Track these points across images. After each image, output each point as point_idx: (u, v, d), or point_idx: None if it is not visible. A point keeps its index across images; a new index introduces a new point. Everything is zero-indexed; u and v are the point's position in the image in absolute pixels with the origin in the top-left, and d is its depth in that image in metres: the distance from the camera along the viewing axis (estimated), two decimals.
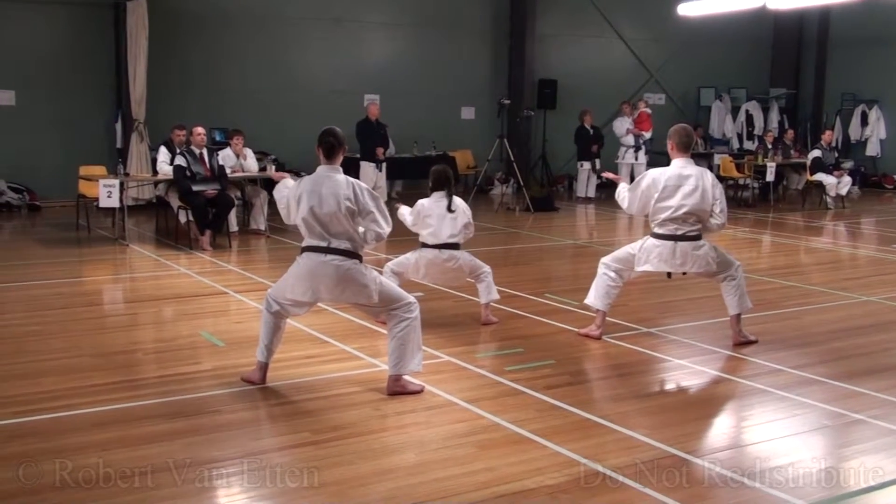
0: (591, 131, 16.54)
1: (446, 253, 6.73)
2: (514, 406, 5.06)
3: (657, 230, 6.30)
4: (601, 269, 6.58)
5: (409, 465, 4.23)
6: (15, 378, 5.48)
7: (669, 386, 5.72)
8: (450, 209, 6.70)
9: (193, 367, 5.76)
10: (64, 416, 4.83)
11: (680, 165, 6.29)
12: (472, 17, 17.91)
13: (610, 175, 7.15)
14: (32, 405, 4.98)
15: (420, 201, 6.79)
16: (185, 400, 5.12)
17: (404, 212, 6.89)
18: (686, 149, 6.36)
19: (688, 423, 4.90)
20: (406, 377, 5.29)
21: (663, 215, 6.23)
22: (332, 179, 5.16)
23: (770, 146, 16.58)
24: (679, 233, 6.24)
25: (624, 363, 6.05)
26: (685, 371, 5.88)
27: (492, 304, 7.05)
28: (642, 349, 6.33)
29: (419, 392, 5.26)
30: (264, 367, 5.39)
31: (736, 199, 16.56)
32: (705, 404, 5.31)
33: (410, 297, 5.33)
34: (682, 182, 6.20)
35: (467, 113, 18.07)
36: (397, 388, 5.23)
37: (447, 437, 4.58)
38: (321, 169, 5.23)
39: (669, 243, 6.25)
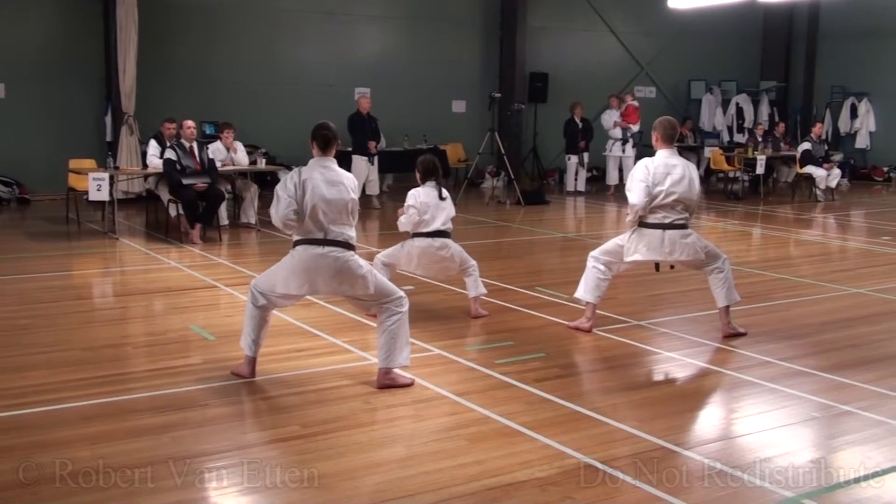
0: (581, 124, 16.54)
1: (439, 241, 6.74)
2: (504, 399, 5.06)
3: (646, 219, 6.33)
4: (590, 263, 6.60)
5: (398, 459, 4.23)
6: (3, 372, 5.45)
7: (659, 378, 5.74)
8: (441, 197, 6.74)
9: (183, 361, 5.75)
10: (53, 409, 4.82)
11: (665, 155, 6.35)
12: (463, 10, 17.88)
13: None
14: (21, 399, 4.97)
15: (415, 192, 6.76)
16: (174, 394, 5.11)
17: (405, 221, 6.78)
18: (671, 140, 6.40)
19: (677, 415, 4.91)
20: (396, 370, 5.29)
21: (653, 202, 6.27)
22: (332, 171, 5.23)
23: (760, 139, 16.62)
24: (667, 221, 6.29)
25: (614, 356, 6.06)
26: (675, 363, 5.90)
27: (480, 297, 7.05)
28: (632, 342, 6.34)
29: (409, 385, 5.26)
30: (252, 361, 5.38)
31: (726, 192, 16.64)
32: (695, 397, 5.32)
33: (401, 291, 5.34)
34: (669, 170, 6.26)
35: (458, 106, 18.05)
36: (387, 382, 5.23)
37: (437, 431, 4.58)
38: (318, 161, 5.23)
39: (658, 232, 6.29)
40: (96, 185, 10.46)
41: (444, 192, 6.79)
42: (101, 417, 4.71)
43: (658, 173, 6.24)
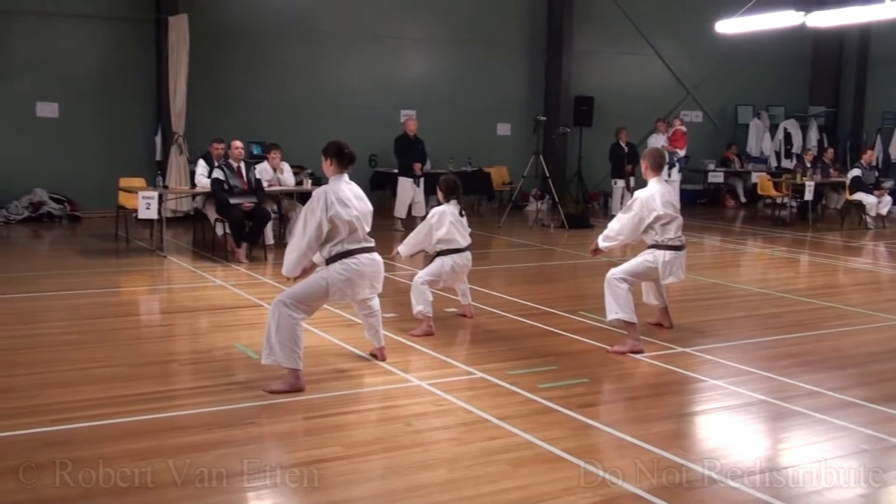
0: (626, 149, 16.46)
1: (469, 253, 7.37)
2: (547, 424, 5.03)
3: (671, 242, 6.82)
4: (614, 282, 6.70)
5: (440, 482, 4.21)
6: (54, 386, 5.55)
7: (704, 406, 5.66)
8: (461, 214, 7.32)
9: (228, 379, 5.80)
10: (100, 424, 4.88)
11: (661, 182, 6.92)
12: (508, 34, 17.96)
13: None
14: (70, 413, 5.05)
15: (441, 208, 7.27)
16: (219, 411, 5.15)
17: (414, 236, 7.32)
18: (660, 169, 6.99)
19: (723, 444, 4.84)
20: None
21: (674, 224, 6.82)
22: (352, 185, 5.81)
23: (809, 165, 16.41)
24: (681, 242, 6.91)
25: (658, 383, 5.99)
26: (721, 392, 5.81)
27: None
28: (677, 368, 6.27)
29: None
30: (300, 374, 5.48)
31: (773, 218, 16.43)
32: (741, 426, 5.24)
33: None
34: (670, 197, 6.86)
35: (503, 129, 18.09)
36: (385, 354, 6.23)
37: (479, 455, 4.56)
38: (342, 177, 5.76)
39: (682, 252, 6.92)
40: (146, 204, 10.63)
41: (462, 211, 7.38)
42: (147, 434, 4.76)
43: (667, 201, 6.80)
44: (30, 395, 5.35)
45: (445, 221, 7.15)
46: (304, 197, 12.64)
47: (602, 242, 6.94)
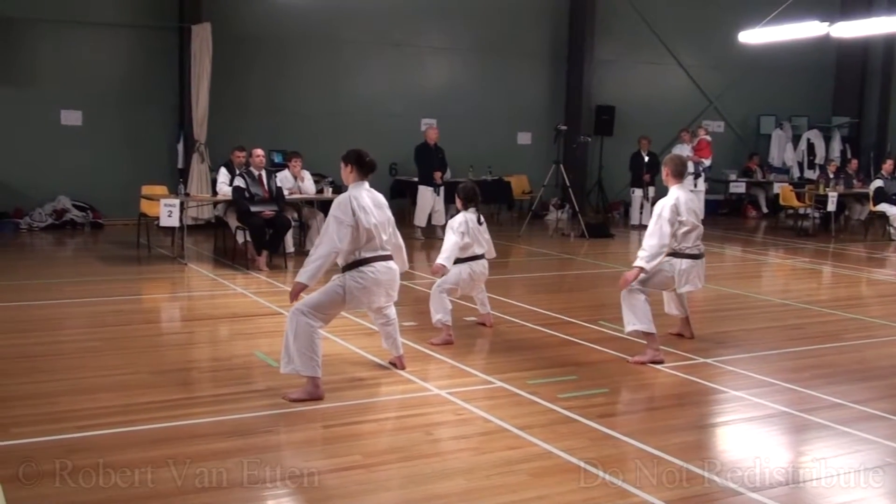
0: (647, 158, 16.43)
1: (486, 261, 7.43)
2: (567, 434, 5.00)
3: (689, 251, 6.77)
4: (630, 293, 6.64)
5: (459, 492, 4.19)
6: (76, 393, 5.58)
7: (726, 418, 5.61)
8: (479, 222, 7.34)
9: (247, 387, 5.81)
10: (122, 431, 4.90)
11: (683, 189, 6.81)
12: (529, 43, 17.96)
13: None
14: (92, 420, 5.07)
15: (461, 217, 7.27)
16: (239, 419, 5.16)
17: (451, 247, 7.13)
18: (681, 176, 6.88)
19: (744, 456, 4.80)
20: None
21: (694, 233, 6.76)
22: (373, 193, 5.81)
23: (832, 176, 16.29)
24: (699, 251, 6.84)
25: (679, 393, 5.96)
26: (742, 403, 5.77)
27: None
28: (698, 379, 6.23)
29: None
30: (319, 381, 5.49)
31: (795, 229, 16.32)
32: (763, 438, 5.19)
33: None
34: (692, 205, 6.78)
35: (524, 138, 18.08)
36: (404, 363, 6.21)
37: (499, 464, 4.54)
38: (362, 185, 5.73)
39: (699, 261, 6.84)
40: (167, 211, 10.69)
41: (482, 218, 7.40)
42: (167, 441, 4.77)
43: (690, 208, 6.75)
44: (52, 402, 5.38)
45: (469, 229, 7.21)
46: (325, 205, 12.67)
47: (648, 264, 6.51)
